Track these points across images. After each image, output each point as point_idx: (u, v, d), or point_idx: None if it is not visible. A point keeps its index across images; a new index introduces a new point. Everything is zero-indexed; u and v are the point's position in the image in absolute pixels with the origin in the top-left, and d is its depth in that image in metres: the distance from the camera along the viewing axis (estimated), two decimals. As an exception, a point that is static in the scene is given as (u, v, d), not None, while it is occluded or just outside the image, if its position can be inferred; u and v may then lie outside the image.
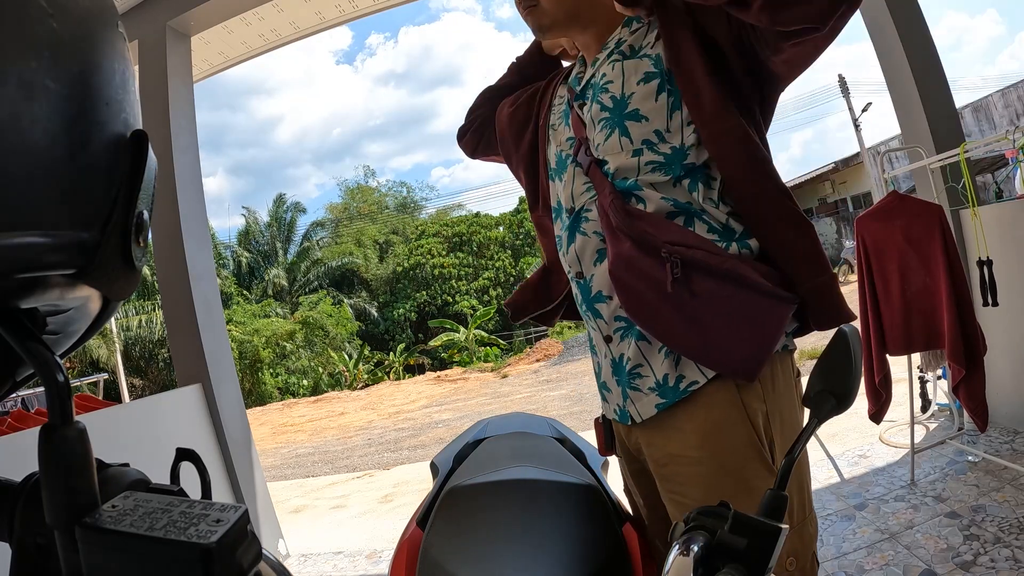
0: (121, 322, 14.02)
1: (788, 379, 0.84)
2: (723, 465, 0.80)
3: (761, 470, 0.79)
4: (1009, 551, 1.81)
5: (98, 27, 0.29)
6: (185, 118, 3.09)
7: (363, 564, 2.83)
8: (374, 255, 23.81)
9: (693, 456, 0.81)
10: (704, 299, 0.77)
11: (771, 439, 0.80)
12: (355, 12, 3.48)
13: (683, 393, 0.82)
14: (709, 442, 0.80)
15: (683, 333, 0.79)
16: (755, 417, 0.80)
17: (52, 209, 0.25)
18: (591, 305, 0.91)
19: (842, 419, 3.21)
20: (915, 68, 2.75)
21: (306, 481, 5.49)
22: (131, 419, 2.59)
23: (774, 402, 0.81)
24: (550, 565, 0.76)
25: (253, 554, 0.26)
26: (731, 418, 0.80)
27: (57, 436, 0.26)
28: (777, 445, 0.80)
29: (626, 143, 0.86)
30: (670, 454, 0.84)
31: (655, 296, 0.79)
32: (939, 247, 2.25)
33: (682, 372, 0.82)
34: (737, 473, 0.79)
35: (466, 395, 11.10)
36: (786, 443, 0.81)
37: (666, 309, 0.79)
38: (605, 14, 0.93)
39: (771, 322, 0.78)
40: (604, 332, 0.90)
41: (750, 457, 0.79)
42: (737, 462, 0.79)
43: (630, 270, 0.81)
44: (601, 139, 0.89)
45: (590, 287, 0.90)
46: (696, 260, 0.77)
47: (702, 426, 0.81)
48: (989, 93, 12.89)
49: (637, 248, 0.80)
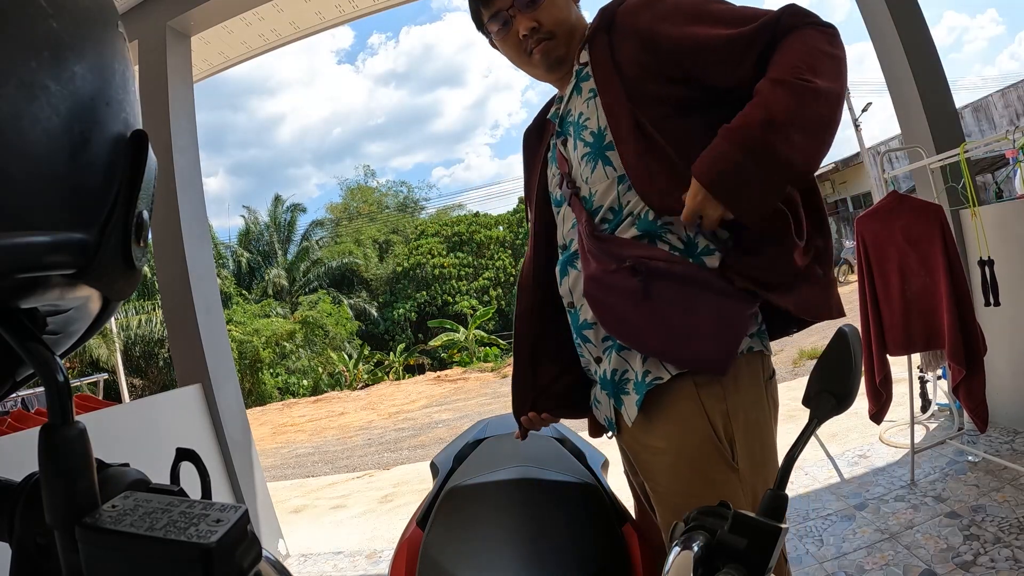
0: (121, 322, 14.01)
1: (755, 379, 0.87)
2: (682, 456, 0.85)
3: (720, 464, 0.83)
4: (1009, 551, 1.81)
5: (98, 27, 0.29)
6: (185, 118, 3.08)
7: (363, 564, 2.83)
8: (374, 255, 23.81)
9: (659, 447, 0.87)
10: (668, 303, 0.83)
11: (731, 437, 0.84)
12: (355, 12, 3.48)
13: (648, 386, 0.86)
14: (671, 435, 0.86)
15: (652, 336, 0.84)
16: (713, 415, 0.84)
17: (52, 209, 0.25)
18: (580, 332, 0.97)
19: (842, 419, 3.21)
20: (915, 68, 2.75)
21: (306, 481, 5.49)
22: (131, 419, 2.59)
23: (736, 402, 0.84)
24: (550, 565, 0.76)
25: (253, 554, 0.26)
26: (690, 414, 0.84)
27: (57, 436, 0.26)
28: (739, 443, 0.83)
29: (610, 171, 0.91)
30: (643, 444, 0.90)
31: (625, 306, 0.85)
32: (939, 247, 2.24)
33: (648, 368, 0.87)
34: (696, 465, 0.84)
35: (466, 395, 11.09)
36: (750, 442, 0.84)
37: (635, 316, 0.85)
38: (580, 33, 0.99)
39: (734, 319, 0.83)
40: (594, 355, 0.96)
41: (707, 452, 0.83)
42: (695, 455, 0.84)
43: (600, 286, 0.88)
44: (588, 172, 0.93)
45: (579, 315, 0.96)
46: (659, 269, 0.83)
47: (665, 420, 0.86)
48: (989, 93, 12.89)
49: (605, 265, 0.87)
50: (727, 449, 0.83)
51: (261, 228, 22.89)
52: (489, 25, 0.97)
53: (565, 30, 0.95)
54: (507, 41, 0.97)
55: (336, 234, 24.89)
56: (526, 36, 0.94)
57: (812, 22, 0.82)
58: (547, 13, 0.93)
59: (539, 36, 0.94)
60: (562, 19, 0.95)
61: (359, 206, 26.32)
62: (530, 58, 0.96)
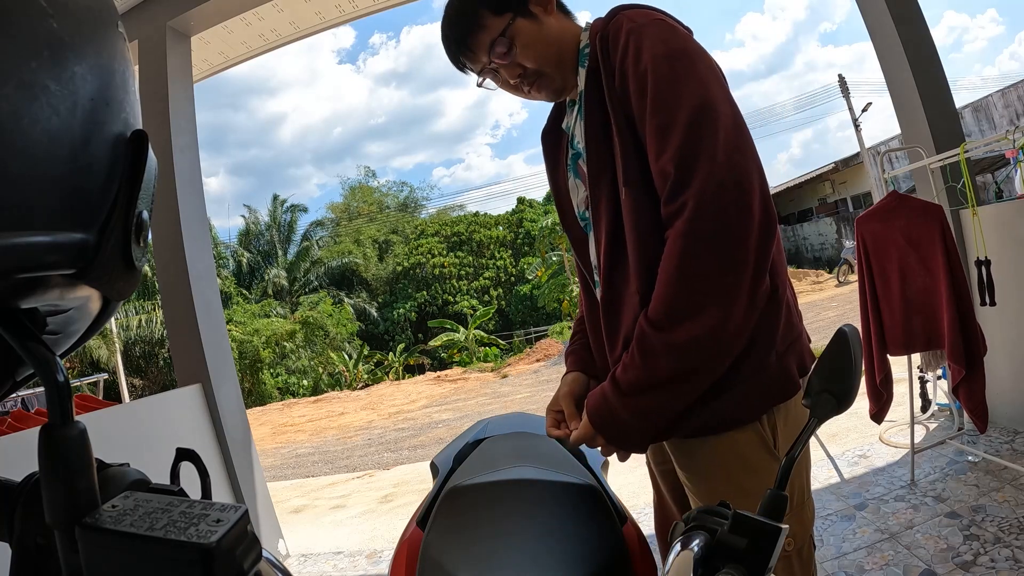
0: (121, 322, 14.02)
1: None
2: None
3: (762, 451, 0.83)
4: (1009, 551, 1.81)
5: (98, 27, 0.29)
6: (185, 118, 3.08)
7: (363, 564, 2.83)
8: (374, 255, 23.82)
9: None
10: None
11: (773, 423, 0.84)
12: (355, 12, 3.48)
13: None
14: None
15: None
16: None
17: (52, 209, 0.25)
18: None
19: (842, 419, 3.21)
20: (915, 68, 2.75)
21: (306, 481, 5.50)
22: (131, 419, 2.59)
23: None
24: (550, 565, 0.76)
25: (253, 554, 0.26)
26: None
27: (57, 436, 0.26)
28: (780, 432, 0.84)
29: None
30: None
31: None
32: (939, 247, 2.24)
33: None
34: (741, 450, 0.84)
35: (466, 395, 11.10)
36: (789, 430, 0.85)
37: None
38: (572, 53, 0.93)
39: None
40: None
41: (753, 440, 0.84)
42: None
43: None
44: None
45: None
46: None
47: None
48: (989, 93, 12.89)
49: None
50: (769, 437, 0.83)
51: (261, 228, 22.90)
52: (482, 83, 0.96)
53: (552, 63, 0.91)
54: (503, 88, 0.96)
55: (336, 234, 24.90)
56: (516, 83, 0.93)
57: (686, 215, 0.72)
58: (526, 56, 0.89)
59: (529, 79, 0.92)
60: (546, 55, 0.90)
61: (359, 206, 26.33)
62: (529, 95, 0.95)
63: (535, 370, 12.86)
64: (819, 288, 15.24)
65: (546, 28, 0.91)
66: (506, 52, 0.89)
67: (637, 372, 0.76)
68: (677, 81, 0.76)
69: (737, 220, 0.71)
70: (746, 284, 0.72)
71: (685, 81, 0.76)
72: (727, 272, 0.71)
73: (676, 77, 0.77)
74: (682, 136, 0.74)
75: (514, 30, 0.88)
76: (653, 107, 0.77)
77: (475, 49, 0.90)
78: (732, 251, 0.71)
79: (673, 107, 0.75)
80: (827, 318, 9.78)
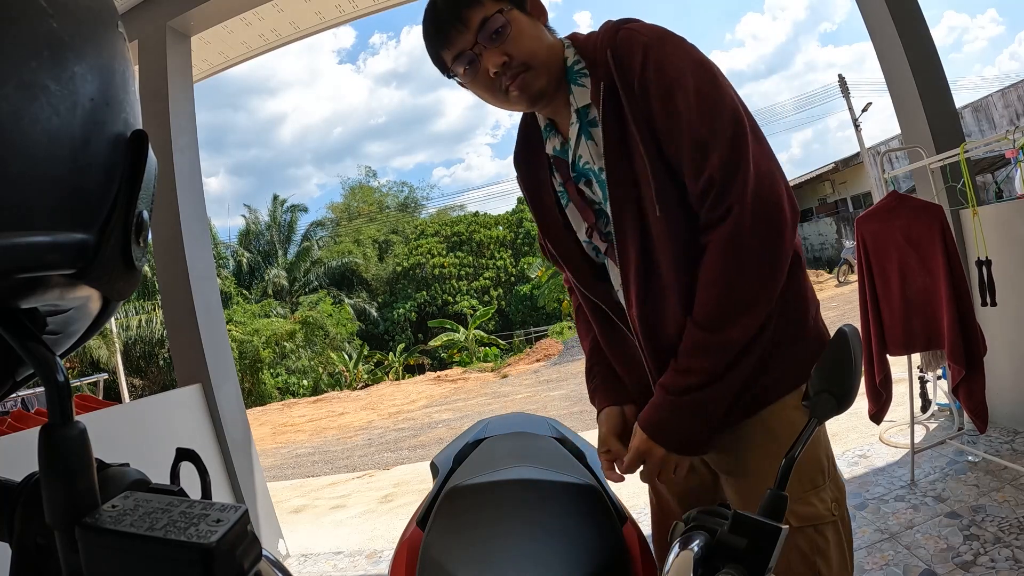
0: (121, 322, 14.02)
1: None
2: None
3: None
4: (1009, 551, 1.81)
5: (98, 27, 0.29)
6: (185, 118, 3.08)
7: (363, 564, 2.83)
8: (374, 255, 23.82)
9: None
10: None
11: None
12: (355, 12, 3.48)
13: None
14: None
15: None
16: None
17: (52, 209, 0.25)
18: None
19: (842, 419, 3.20)
20: (915, 68, 2.75)
21: (306, 481, 5.49)
22: (131, 419, 2.59)
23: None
24: (550, 565, 0.76)
25: (253, 554, 0.26)
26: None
27: (57, 436, 0.26)
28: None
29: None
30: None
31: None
32: (939, 247, 2.24)
33: None
34: (783, 441, 0.87)
35: (466, 395, 11.10)
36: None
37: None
38: (558, 64, 0.89)
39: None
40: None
41: (794, 420, 0.88)
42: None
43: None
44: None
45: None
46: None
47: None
48: (989, 93, 12.89)
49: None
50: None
51: (261, 228, 22.90)
52: (454, 67, 0.87)
53: (541, 61, 0.85)
54: (477, 81, 0.87)
55: (336, 234, 24.91)
56: (498, 73, 0.84)
57: (733, 211, 0.78)
58: (516, 44, 0.83)
59: (513, 71, 0.84)
60: (534, 49, 0.85)
61: (359, 206, 26.33)
62: (507, 95, 0.86)
63: (535, 370, 12.86)
64: (819, 288, 15.24)
65: (539, 30, 0.88)
66: (497, 33, 0.83)
67: (693, 375, 0.81)
68: (710, 95, 0.80)
69: (776, 220, 0.79)
70: (784, 273, 0.82)
71: (718, 94, 0.81)
72: (771, 269, 0.80)
73: (708, 91, 0.80)
74: (725, 146, 0.79)
75: (510, 16, 0.84)
76: (690, 120, 0.79)
77: (466, 21, 0.83)
78: (775, 247, 0.79)
79: (711, 119, 0.79)
80: (827, 318, 9.68)
